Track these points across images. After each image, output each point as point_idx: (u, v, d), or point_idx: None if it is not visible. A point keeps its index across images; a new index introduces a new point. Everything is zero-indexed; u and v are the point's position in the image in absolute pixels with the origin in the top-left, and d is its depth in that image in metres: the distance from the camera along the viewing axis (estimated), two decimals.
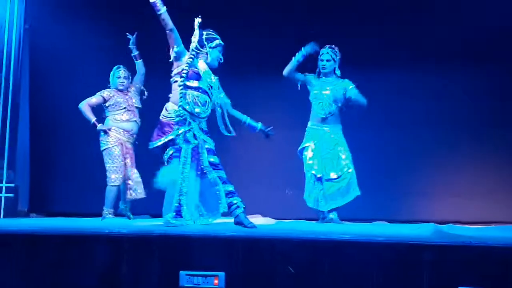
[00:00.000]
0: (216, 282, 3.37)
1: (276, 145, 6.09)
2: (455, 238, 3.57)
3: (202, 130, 4.48)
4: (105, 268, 3.60)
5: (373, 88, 5.34)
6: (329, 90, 5.23)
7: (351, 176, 5.16)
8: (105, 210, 5.37)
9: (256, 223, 4.37)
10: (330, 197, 5.15)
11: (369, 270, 3.29)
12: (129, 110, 5.52)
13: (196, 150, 4.41)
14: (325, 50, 5.25)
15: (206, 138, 4.50)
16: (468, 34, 6.06)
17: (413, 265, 3.24)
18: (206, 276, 3.39)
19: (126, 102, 5.52)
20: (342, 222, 5.15)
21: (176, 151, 4.40)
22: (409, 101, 6.30)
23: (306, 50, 5.20)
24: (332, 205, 5.15)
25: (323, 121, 5.24)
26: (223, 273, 3.39)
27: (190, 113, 4.37)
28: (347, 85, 5.25)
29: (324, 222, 5.19)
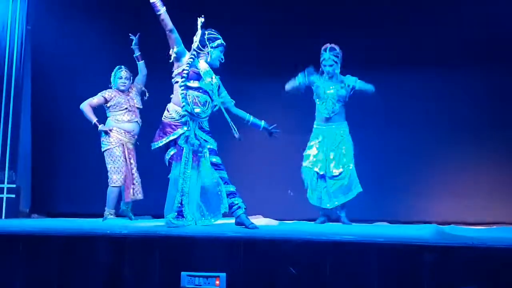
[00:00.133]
0: (217, 283, 3.38)
1: (278, 145, 6.09)
2: (457, 239, 3.57)
3: (203, 130, 4.48)
4: (106, 268, 3.61)
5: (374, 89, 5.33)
6: (332, 89, 5.24)
7: (351, 172, 5.17)
8: (106, 210, 5.38)
9: (257, 224, 4.37)
10: (334, 194, 5.17)
11: (370, 271, 3.29)
12: (130, 111, 5.52)
13: (197, 150, 4.41)
14: (327, 55, 5.22)
15: (208, 138, 4.50)
16: (468, 35, 6.06)
17: (414, 266, 3.24)
18: (207, 277, 3.40)
19: (128, 103, 5.52)
20: (351, 223, 5.15)
21: (177, 152, 4.41)
22: (410, 101, 6.30)
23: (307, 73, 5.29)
24: (335, 202, 5.17)
25: (328, 120, 5.25)
26: (225, 274, 3.40)
27: (190, 113, 4.37)
28: (350, 81, 5.26)
29: (321, 222, 5.20)
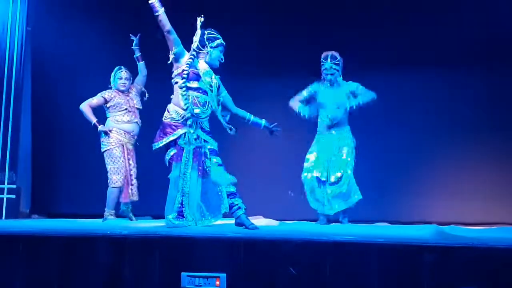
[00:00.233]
0: (217, 283, 3.38)
1: (278, 145, 6.11)
2: (457, 239, 3.57)
3: (203, 130, 4.48)
4: (106, 269, 3.61)
5: (373, 89, 5.32)
6: (333, 96, 5.23)
7: (350, 179, 5.14)
8: (106, 211, 5.37)
9: (258, 224, 4.37)
10: (335, 201, 5.15)
11: (370, 271, 3.29)
12: (130, 111, 5.52)
13: (197, 151, 4.41)
14: (328, 64, 5.19)
15: (208, 138, 4.49)
16: (468, 35, 6.06)
17: (414, 266, 3.24)
18: (207, 277, 3.40)
19: (127, 103, 5.52)
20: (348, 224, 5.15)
21: (177, 152, 4.41)
22: (410, 101, 6.30)
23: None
24: (336, 208, 5.15)
25: (330, 127, 5.24)
26: (225, 274, 3.40)
27: (190, 113, 4.36)
28: (351, 86, 5.24)
29: (323, 224, 5.20)
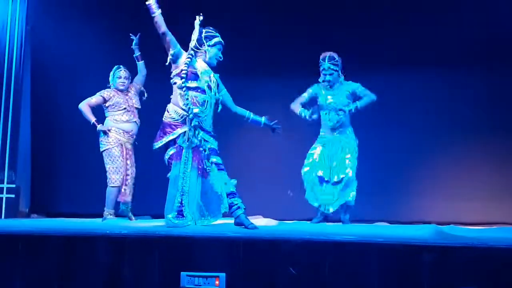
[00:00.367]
0: (217, 283, 3.38)
1: (278, 145, 6.11)
2: (456, 239, 3.57)
3: (203, 129, 4.47)
4: (106, 269, 3.60)
5: (373, 89, 5.32)
6: (332, 98, 5.21)
7: (351, 180, 5.11)
8: (106, 211, 5.37)
9: (257, 224, 4.37)
10: (335, 200, 5.13)
11: (370, 271, 3.29)
12: (129, 111, 5.51)
13: (197, 150, 4.40)
14: (326, 65, 5.18)
15: (208, 137, 4.48)
16: (468, 35, 6.06)
17: (414, 266, 3.24)
18: (207, 277, 3.40)
19: (126, 103, 5.51)
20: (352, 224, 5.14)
21: (177, 151, 4.41)
22: (410, 101, 6.30)
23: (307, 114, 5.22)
24: (335, 207, 5.15)
25: (332, 130, 5.23)
26: (224, 274, 3.39)
27: (189, 113, 4.36)
28: (352, 87, 5.22)
29: (318, 222, 5.19)
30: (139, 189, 5.55)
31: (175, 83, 4.45)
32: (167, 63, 4.46)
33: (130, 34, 5.52)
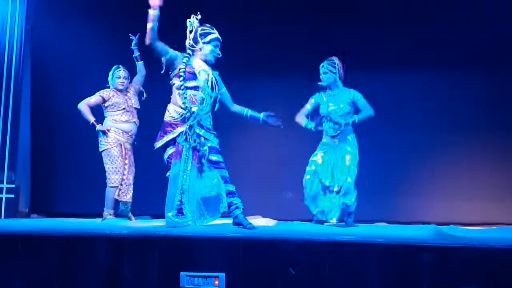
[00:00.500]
0: (216, 283, 3.38)
1: (278, 145, 6.11)
2: (456, 240, 3.57)
3: (203, 128, 4.45)
4: (106, 269, 3.60)
5: (374, 89, 5.33)
6: (333, 106, 5.17)
7: (350, 186, 5.06)
8: (105, 211, 5.37)
9: (256, 224, 4.37)
10: (335, 209, 5.08)
11: (370, 272, 3.29)
12: (128, 111, 5.50)
13: (197, 149, 4.40)
14: (323, 64, 5.17)
15: (208, 135, 4.47)
16: (468, 35, 6.06)
17: (414, 266, 3.24)
18: (206, 277, 3.40)
19: (125, 103, 5.51)
20: (356, 225, 5.10)
21: (177, 150, 4.40)
22: (410, 101, 6.30)
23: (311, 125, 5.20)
24: (333, 216, 5.08)
25: (333, 137, 5.20)
26: (224, 274, 3.39)
27: (188, 112, 4.36)
28: (353, 96, 5.17)
29: (316, 222, 5.19)
30: (139, 189, 5.54)
31: (174, 84, 4.45)
32: (163, 71, 4.43)
33: (130, 34, 5.52)
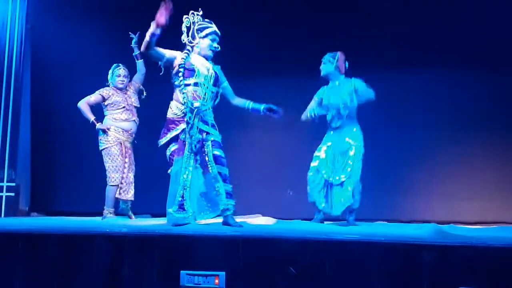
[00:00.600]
0: (216, 281, 3.38)
1: (278, 144, 6.11)
2: (456, 238, 3.56)
3: (206, 123, 4.43)
4: (106, 267, 3.61)
5: (373, 89, 5.31)
6: (334, 97, 5.17)
7: (354, 181, 5.05)
8: (105, 209, 5.37)
9: (256, 223, 4.37)
10: (338, 202, 5.07)
11: (370, 270, 3.29)
12: (128, 110, 5.50)
13: (199, 144, 4.40)
14: (326, 55, 5.17)
15: (211, 130, 4.45)
16: (469, 35, 6.06)
17: (414, 265, 3.25)
18: (206, 275, 3.40)
19: (125, 101, 5.51)
20: (357, 223, 5.09)
21: (179, 146, 4.41)
22: (410, 101, 6.30)
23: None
24: (341, 208, 5.06)
25: (336, 129, 5.19)
26: (224, 272, 3.40)
27: (190, 108, 4.36)
28: (354, 84, 5.16)
29: (319, 221, 5.18)
30: (139, 188, 5.54)
31: (174, 82, 4.46)
32: (161, 73, 4.44)
33: (130, 33, 5.52)
